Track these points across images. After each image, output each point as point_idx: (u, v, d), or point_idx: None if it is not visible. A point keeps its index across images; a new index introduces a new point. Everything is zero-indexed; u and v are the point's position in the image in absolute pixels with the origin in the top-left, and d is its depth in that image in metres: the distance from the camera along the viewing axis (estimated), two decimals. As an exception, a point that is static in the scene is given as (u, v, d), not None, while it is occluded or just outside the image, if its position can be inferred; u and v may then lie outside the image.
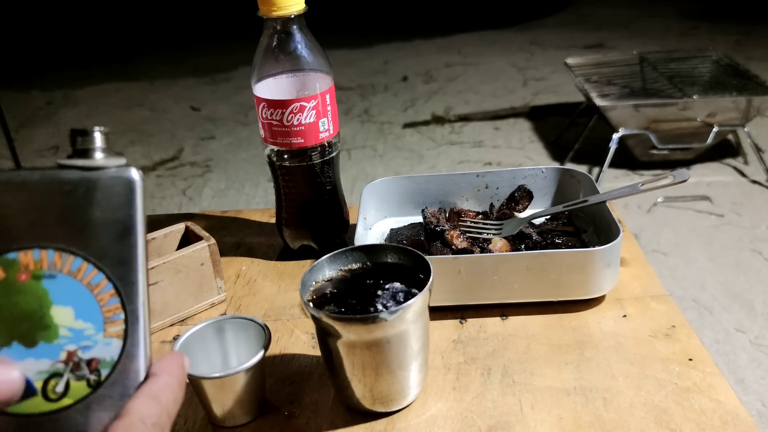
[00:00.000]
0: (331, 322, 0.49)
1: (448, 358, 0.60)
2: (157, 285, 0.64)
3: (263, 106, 0.69)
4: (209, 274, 0.68)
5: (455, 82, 3.49)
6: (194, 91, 3.63)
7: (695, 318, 1.68)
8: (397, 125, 3.01)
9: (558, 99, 3.16)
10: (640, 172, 2.42)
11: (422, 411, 0.55)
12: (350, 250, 0.57)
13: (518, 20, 4.50)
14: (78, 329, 0.37)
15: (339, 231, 0.78)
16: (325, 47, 0.70)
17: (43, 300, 0.36)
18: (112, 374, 0.36)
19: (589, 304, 0.66)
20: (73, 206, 0.36)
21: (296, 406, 0.56)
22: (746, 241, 2.00)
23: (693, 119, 2.26)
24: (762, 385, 1.47)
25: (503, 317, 0.65)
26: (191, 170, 2.71)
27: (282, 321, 0.67)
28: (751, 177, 2.36)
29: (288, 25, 0.67)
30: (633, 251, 0.74)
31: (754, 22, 4.05)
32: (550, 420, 0.53)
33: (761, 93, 2.24)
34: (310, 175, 0.73)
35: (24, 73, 4.11)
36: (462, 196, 0.80)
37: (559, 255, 0.63)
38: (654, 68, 2.69)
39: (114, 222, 0.37)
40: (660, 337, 0.61)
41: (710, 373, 0.56)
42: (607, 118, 2.29)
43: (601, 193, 0.71)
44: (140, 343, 0.37)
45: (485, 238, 0.71)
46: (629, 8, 4.60)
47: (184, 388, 0.36)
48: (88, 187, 0.36)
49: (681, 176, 0.67)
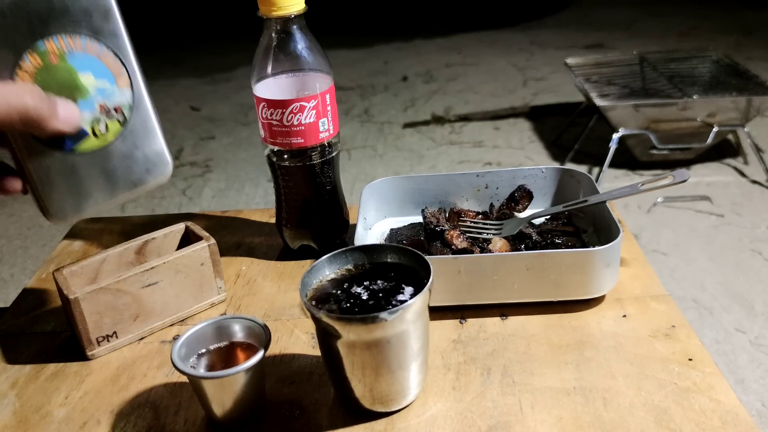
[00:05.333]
0: (331, 322, 0.49)
1: (448, 358, 0.60)
2: (157, 285, 0.64)
3: (263, 106, 0.69)
4: (209, 274, 0.68)
5: (455, 82, 3.49)
6: (194, 91, 3.63)
7: (695, 318, 1.68)
8: (397, 125, 3.01)
9: (558, 99, 3.16)
10: (640, 172, 2.42)
11: (422, 411, 0.55)
12: (350, 250, 0.57)
13: (518, 20, 4.50)
14: (100, 87, 0.53)
15: (339, 231, 0.78)
16: (325, 47, 0.70)
17: (71, 71, 0.52)
18: (133, 113, 0.54)
19: (589, 304, 0.66)
20: (69, 2, 0.51)
21: (296, 406, 0.56)
22: (746, 241, 2.00)
23: (693, 119, 2.26)
24: (762, 385, 1.47)
25: (503, 317, 0.65)
26: (191, 170, 2.71)
27: (282, 321, 0.67)
28: (751, 177, 2.36)
29: (288, 25, 0.67)
30: (633, 251, 0.74)
31: (754, 22, 4.05)
32: (550, 420, 0.53)
33: (761, 93, 2.24)
34: (310, 175, 0.73)
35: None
36: (462, 196, 0.80)
37: (559, 255, 0.63)
38: (654, 68, 2.69)
39: (96, 6, 0.52)
40: (660, 337, 0.61)
41: (710, 373, 0.56)
42: (607, 118, 2.29)
43: (601, 193, 0.71)
44: (142, 90, 0.54)
45: (485, 238, 0.71)
46: (629, 8, 4.60)
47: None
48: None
49: (681, 176, 0.68)
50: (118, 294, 0.62)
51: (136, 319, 0.64)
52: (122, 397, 0.59)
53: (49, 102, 0.49)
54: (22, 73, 0.51)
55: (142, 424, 0.55)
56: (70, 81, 0.52)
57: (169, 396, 0.58)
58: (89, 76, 0.53)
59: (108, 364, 0.63)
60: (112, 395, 0.59)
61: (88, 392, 0.59)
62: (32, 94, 0.49)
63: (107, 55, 0.53)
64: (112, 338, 0.63)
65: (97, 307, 0.61)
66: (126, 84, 0.55)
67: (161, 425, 0.55)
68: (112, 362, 0.63)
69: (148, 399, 0.58)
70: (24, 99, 0.48)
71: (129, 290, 0.63)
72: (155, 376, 0.61)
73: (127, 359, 0.63)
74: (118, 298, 0.62)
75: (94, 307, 0.61)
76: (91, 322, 0.61)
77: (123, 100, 0.54)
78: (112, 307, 0.62)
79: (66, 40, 0.51)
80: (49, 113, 0.49)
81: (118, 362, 0.63)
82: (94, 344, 0.63)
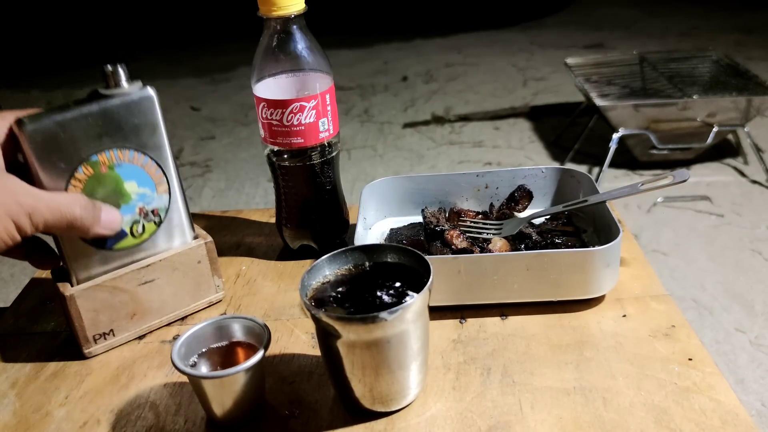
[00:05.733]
0: (331, 322, 0.49)
1: (448, 358, 0.60)
2: (154, 283, 0.64)
3: (263, 106, 0.69)
4: (206, 272, 0.68)
5: (455, 82, 3.49)
6: (194, 91, 3.63)
7: (695, 318, 1.68)
8: (397, 125, 3.01)
9: (558, 99, 3.16)
10: (640, 172, 2.42)
11: (422, 411, 0.55)
12: (350, 250, 0.57)
13: (518, 20, 4.50)
14: (142, 193, 0.61)
15: (339, 231, 0.78)
16: (325, 47, 0.70)
17: (117, 180, 0.59)
18: (167, 215, 0.63)
19: (589, 304, 0.66)
20: (121, 119, 0.58)
21: (296, 406, 0.56)
22: (746, 241, 2.00)
23: (693, 119, 2.26)
24: (762, 385, 1.47)
25: (503, 317, 0.65)
26: (191, 170, 2.71)
27: (282, 321, 0.67)
28: (751, 177, 2.36)
29: (288, 25, 0.67)
30: (633, 251, 0.74)
31: (754, 22, 4.05)
32: (550, 420, 0.53)
33: (761, 93, 2.24)
34: (310, 175, 0.73)
35: (24, 73, 4.11)
36: (462, 196, 0.80)
37: (559, 255, 0.63)
38: (654, 68, 2.69)
39: (146, 124, 0.59)
40: (660, 337, 0.61)
41: (710, 373, 0.56)
42: (607, 118, 2.29)
43: (601, 193, 0.71)
44: (177, 193, 0.63)
45: (485, 238, 0.71)
46: (629, 8, 4.60)
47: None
48: (127, 105, 0.58)
49: (681, 176, 0.68)
50: (115, 291, 0.62)
51: (133, 316, 0.64)
52: (122, 397, 0.59)
53: (94, 210, 0.56)
54: (75, 181, 0.57)
55: (142, 424, 0.55)
56: (116, 188, 0.59)
57: (169, 396, 0.58)
58: (133, 184, 0.60)
59: (108, 364, 0.63)
60: (112, 395, 0.59)
61: (88, 392, 0.59)
62: (80, 205, 0.55)
63: (150, 165, 0.61)
64: (109, 336, 0.63)
65: (93, 304, 0.61)
66: (165, 190, 0.62)
67: (161, 425, 0.55)
68: (112, 362, 0.63)
69: (148, 399, 0.58)
70: (73, 210, 0.54)
71: (125, 287, 0.63)
72: (155, 376, 0.61)
73: (127, 359, 0.63)
74: (114, 295, 0.62)
75: (90, 304, 0.61)
76: (87, 320, 0.61)
77: (161, 204, 0.62)
78: (108, 305, 0.62)
79: (116, 153, 0.58)
80: (93, 221, 0.56)
81: (118, 362, 0.63)
82: (90, 342, 0.63)
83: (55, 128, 0.55)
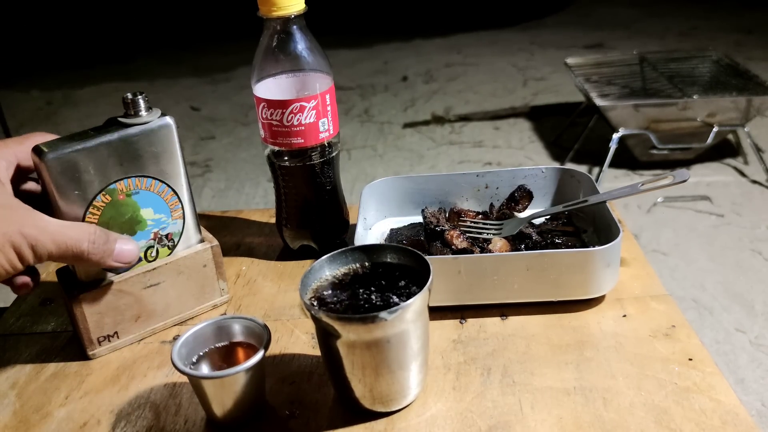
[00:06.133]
0: (331, 322, 0.49)
1: (448, 358, 0.60)
2: (159, 286, 0.64)
3: (263, 106, 0.69)
4: (212, 276, 0.68)
5: (455, 82, 3.49)
6: (194, 91, 3.63)
7: (695, 318, 1.68)
8: (397, 125, 3.01)
9: (558, 99, 3.16)
10: (640, 172, 2.42)
11: (422, 411, 0.55)
12: (350, 250, 0.57)
13: (518, 20, 4.50)
14: (157, 219, 0.62)
15: (339, 231, 0.78)
16: (325, 47, 0.70)
17: (134, 207, 0.60)
18: (180, 240, 0.64)
19: (589, 304, 0.66)
20: (140, 147, 0.58)
21: (296, 406, 0.56)
22: (746, 241, 2.00)
23: (693, 119, 2.26)
24: (762, 385, 1.47)
25: (503, 317, 0.65)
26: (191, 170, 2.71)
27: (282, 321, 0.67)
28: (751, 177, 2.36)
29: (288, 25, 0.67)
30: (633, 251, 0.74)
31: (754, 22, 4.05)
32: (550, 420, 0.53)
33: (761, 93, 2.24)
34: (310, 175, 0.73)
35: (24, 73, 4.11)
36: (462, 196, 0.80)
37: (559, 255, 0.63)
38: (654, 68, 2.69)
39: (164, 152, 0.60)
40: (660, 337, 0.61)
41: (710, 373, 0.56)
42: (607, 118, 2.29)
43: (601, 193, 0.71)
44: (191, 220, 0.64)
45: (485, 238, 0.71)
46: (629, 8, 4.60)
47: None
48: (146, 134, 0.58)
49: (681, 176, 0.68)
50: (120, 294, 0.62)
51: (138, 319, 0.64)
52: (122, 397, 0.59)
53: (106, 244, 0.56)
54: (93, 209, 0.57)
55: (142, 424, 0.55)
56: (132, 215, 0.60)
57: (169, 396, 0.58)
58: (149, 211, 0.61)
59: (108, 364, 0.63)
60: (112, 395, 0.59)
61: (88, 392, 0.59)
62: (90, 240, 0.54)
63: (167, 192, 0.61)
64: (113, 338, 0.63)
65: (98, 307, 0.61)
66: (179, 216, 0.63)
67: (161, 425, 0.55)
68: (113, 362, 0.63)
69: (148, 399, 0.58)
70: (81, 246, 0.54)
71: (130, 291, 0.63)
72: (155, 376, 0.61)
73: (127, 359, 0.63)
74: (119, 298, 0.62)
75: (95, 307, 0.61)
76: (92, 322, 0.61)
77: (175, 229, 0.63)
78: (113, 308, 0.62)
79: (134, 181, 0.59)
80: (103, 255, 0.56)
81: (119, 362, 0.63)
82: (95, 344, 0.63)
83: (75, 157, 0.55)
